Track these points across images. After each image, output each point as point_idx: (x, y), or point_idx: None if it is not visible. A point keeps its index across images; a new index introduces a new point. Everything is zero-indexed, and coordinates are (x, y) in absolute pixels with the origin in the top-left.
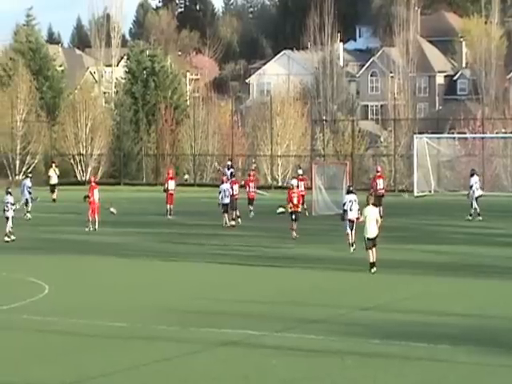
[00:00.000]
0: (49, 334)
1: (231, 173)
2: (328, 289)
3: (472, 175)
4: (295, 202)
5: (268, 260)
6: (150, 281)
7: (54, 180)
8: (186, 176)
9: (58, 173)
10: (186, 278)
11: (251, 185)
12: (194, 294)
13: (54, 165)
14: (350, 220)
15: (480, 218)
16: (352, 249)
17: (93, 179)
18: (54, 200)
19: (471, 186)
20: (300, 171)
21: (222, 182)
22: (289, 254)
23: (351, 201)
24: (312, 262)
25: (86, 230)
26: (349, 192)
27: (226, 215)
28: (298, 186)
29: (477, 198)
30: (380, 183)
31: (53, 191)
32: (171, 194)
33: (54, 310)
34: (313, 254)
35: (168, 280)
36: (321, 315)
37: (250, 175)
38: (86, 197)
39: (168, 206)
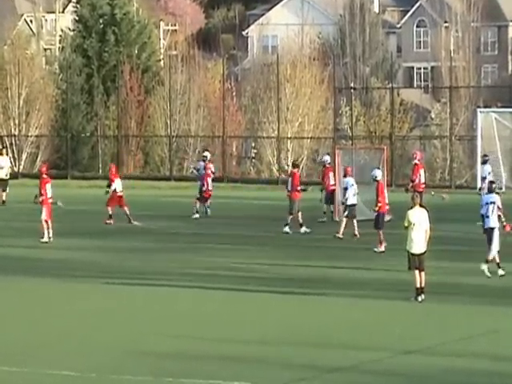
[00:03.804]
0: None
1: (198, 169)
2: (358, 324)
3: (484, 163)
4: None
5: (276, 283)
6: (109, 312)
7: (3, 173)
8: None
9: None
10: (160, 307)
11: (208, 179)
12: (172, 331)
13: (4, 151)
14: (490, 229)
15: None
16: (500, 272)
17: (44, 170)
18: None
19: (484, 178)
20: (318, 159)
21: (345, 175)
22: (306, 276)
23: (493, 202)
24: (337, 286)
25: (43, 240)
26: (490, 191)
27: (345, 221)
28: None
29: None
30: (422, 175)
31: (4, 189)
32: (120, 197)
33: None
34: (338, 275)
35: (134, 311)
36: (347, 361)
37: (206, 163)
38: (38, 195)
39: (110, 209)
